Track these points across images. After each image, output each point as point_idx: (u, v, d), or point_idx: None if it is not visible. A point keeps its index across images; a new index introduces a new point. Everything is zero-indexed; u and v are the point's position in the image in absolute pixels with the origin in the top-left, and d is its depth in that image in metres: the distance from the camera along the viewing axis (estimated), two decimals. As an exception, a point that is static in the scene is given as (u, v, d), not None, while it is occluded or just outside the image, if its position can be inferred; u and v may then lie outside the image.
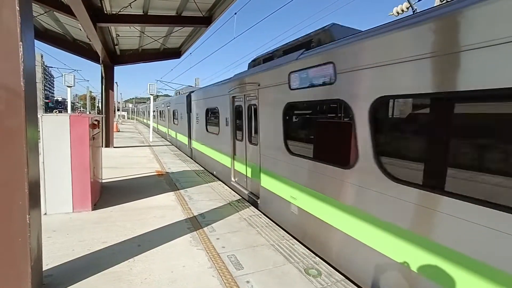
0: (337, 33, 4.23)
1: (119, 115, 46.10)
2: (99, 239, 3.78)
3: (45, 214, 4.45)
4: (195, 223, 4.52)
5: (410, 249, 2.67)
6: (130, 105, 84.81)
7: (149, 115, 18.56)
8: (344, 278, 3.19)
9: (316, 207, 3.99)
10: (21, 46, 2.22)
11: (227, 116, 7.35)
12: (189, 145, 12.28)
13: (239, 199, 5.95)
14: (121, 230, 4.13)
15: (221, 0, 7.92)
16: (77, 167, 4.60)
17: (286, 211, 4.73)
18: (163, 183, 7.00)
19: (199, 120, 10.38)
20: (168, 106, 17.93)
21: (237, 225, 4.54)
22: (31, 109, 2.41)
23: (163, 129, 20.83)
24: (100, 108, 15.87)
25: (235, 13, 10.75)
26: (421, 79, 2.51)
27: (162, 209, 5.12)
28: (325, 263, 3.50)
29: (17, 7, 2.18)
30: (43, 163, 4.35)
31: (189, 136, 12.27)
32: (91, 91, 50.40)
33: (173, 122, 16.25)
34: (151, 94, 17.42)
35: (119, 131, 22.41)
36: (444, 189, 2.40)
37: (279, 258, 3.56)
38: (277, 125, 4.89)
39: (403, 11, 7.46)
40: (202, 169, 9.06)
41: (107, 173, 7.24)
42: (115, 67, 13.38)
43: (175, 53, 13.89)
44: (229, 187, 7.04)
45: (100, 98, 15.27)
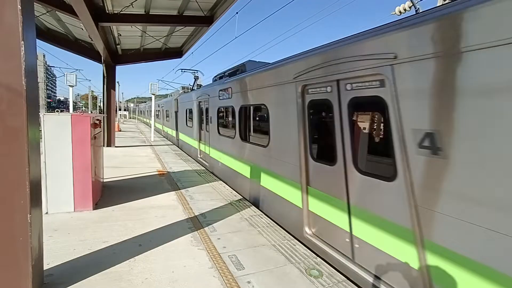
0: (249, 67, 7.28)
1: (120, 114, 46.16)
2: (100, 239, 3.78)
3: (47, 213, 4.46)
4: (196, 223, 4.52)
5: (236, 163, 6.77)
6: (131, 105, 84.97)
7: (152, 115, 19.02)
8: (345, 279, 3.18)
9: (228, 161, 7.50)
10: (23, 45, 2.22)
11: (195, 114, 10.76)
12: (176, 136, 16.00)
13: (240, 199, 5.94)
14: (122, 229, 4.13)
15: (222, -1, 7.93)
16: (78, 167, 4.60)
17: (217, 165, 8.44)
18: (164, 182, 7.00)
19: (181, 117, 14.19)
20: (162, 106, 22.46)
21: (238, 225, 4.53)
22: (33, 108, 2.40)
23: (159, 126, 24.76)
24: (101, 107, 15.91)
25: (237, 13, 10.77)
26: (250, 99, 6.07)
27: (163, 208, 5.11)
28: (326, 264, 3.49)
29: (19, 6, 2.18)
30: (45, 162, 4.36)
31: (176, 129, 16.05)
32: (93, 91, 50.55)
33: (166, 119, 20.64)
34: (152, 93, 17.45)
35: (120, 131, 22.47)
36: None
37: (280, 258, 3.54)
38: (215, 119, 8.38)
39: (405, 10, 7.42)
40: (203, 169, 9.07)
41: (109, 172, 7.25)
42: (116, 67, 13.40)
43: (176, 53, 13.90)
44: (197, 161, 10.42)
45: (101, 97, 15.30)
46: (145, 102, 54.10)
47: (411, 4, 7.31)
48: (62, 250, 3.43)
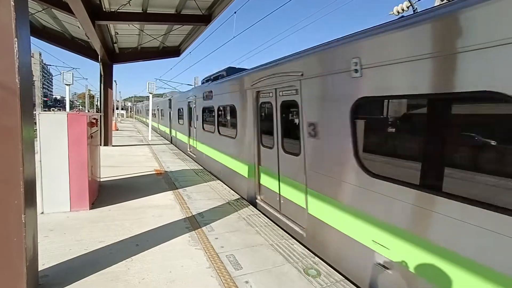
0: (229, 72, 8.00)
1: (117, 113, 45.95)
2: (97, 239, 3.75)
3: (42, 213, 4.41)
4: (194, 223, 4.49)
5: (216, 154, 8.24)
6: (129, 104, 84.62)
7: (150, 113, 19.15)
8: (343, 278, 3.17)
9: (210, 152, 8.84)
10: (16, 42, 2.18)
11: (185, 113, 12.20)
12: (170, 133, 17.33)
13: (238, 198, 5.92)
14: (119, 229, 4.10)
15: (220, -2, 7.89)
16: (74, 166, 4.56)
17: (201, 157, 9.86)
18: (162, 182, 6.96)
19: (174, 116, 15.65)
20: (158, 106, 23.85)
21: (236, 225, 4.52)
22: (27, 107, 2.37)
23: (155, 124, 26.25)
24: (98, 106, 15.81)
25: (235, 12, 10.71)
26: (226, 101, 7.44)
27: (160, 208, 5.08)
28: (324, 263, 3.48)
29: (12, 3, 2.14)
30: (40, 161, 4.31)
31: (170, 127, 17.28)
32: (89, 90, 50.22)
33: (161, 118, 22.02)
34: (150, 92, 17.38)
35: (118, 130, 22.35)
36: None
37: (278, 258, 3.53)
38: (201, 117, 9.79)
39: (403, 10, 7.43)
40: (201, 168, 9.04)
41: (106, 172, 7.19)
42: (114, 66, 13.32)
43: (174, 52, 13.84)
44: (186, 155, 11.71)
45: (98, 96, 15.22)
46: (142, 101, 53.96)
47: (409, 4, 7.32)
48: (57, 250, 3.39)
